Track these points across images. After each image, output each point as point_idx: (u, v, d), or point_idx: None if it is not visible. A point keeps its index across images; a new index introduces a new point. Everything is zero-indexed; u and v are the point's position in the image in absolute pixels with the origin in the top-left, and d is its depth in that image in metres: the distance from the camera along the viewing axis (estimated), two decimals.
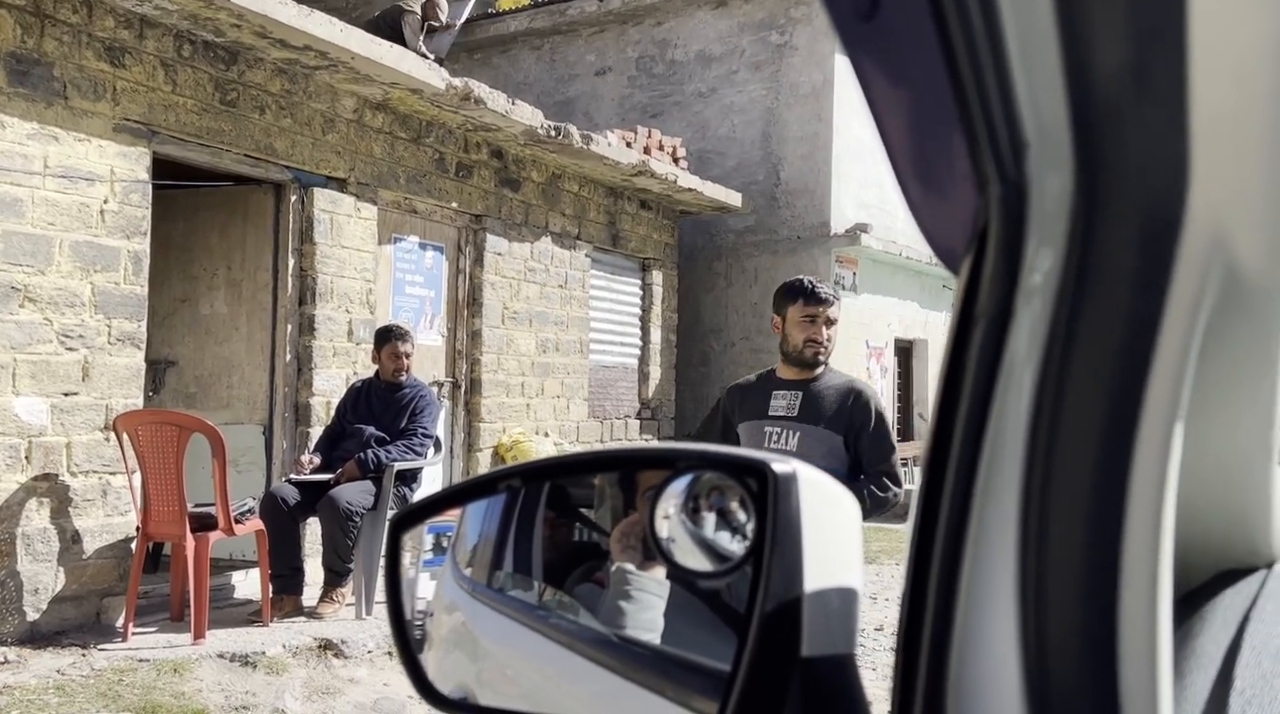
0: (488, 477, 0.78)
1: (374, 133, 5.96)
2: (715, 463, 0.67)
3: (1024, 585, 0.49)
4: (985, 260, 0.48)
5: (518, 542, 0.95)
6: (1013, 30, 0.40)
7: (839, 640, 0.63)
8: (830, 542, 0.64)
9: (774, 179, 9.91)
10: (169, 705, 3.60)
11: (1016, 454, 0.49)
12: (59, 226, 4.29)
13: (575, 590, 0.95)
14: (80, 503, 4.41)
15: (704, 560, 0.67)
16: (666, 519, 0.66)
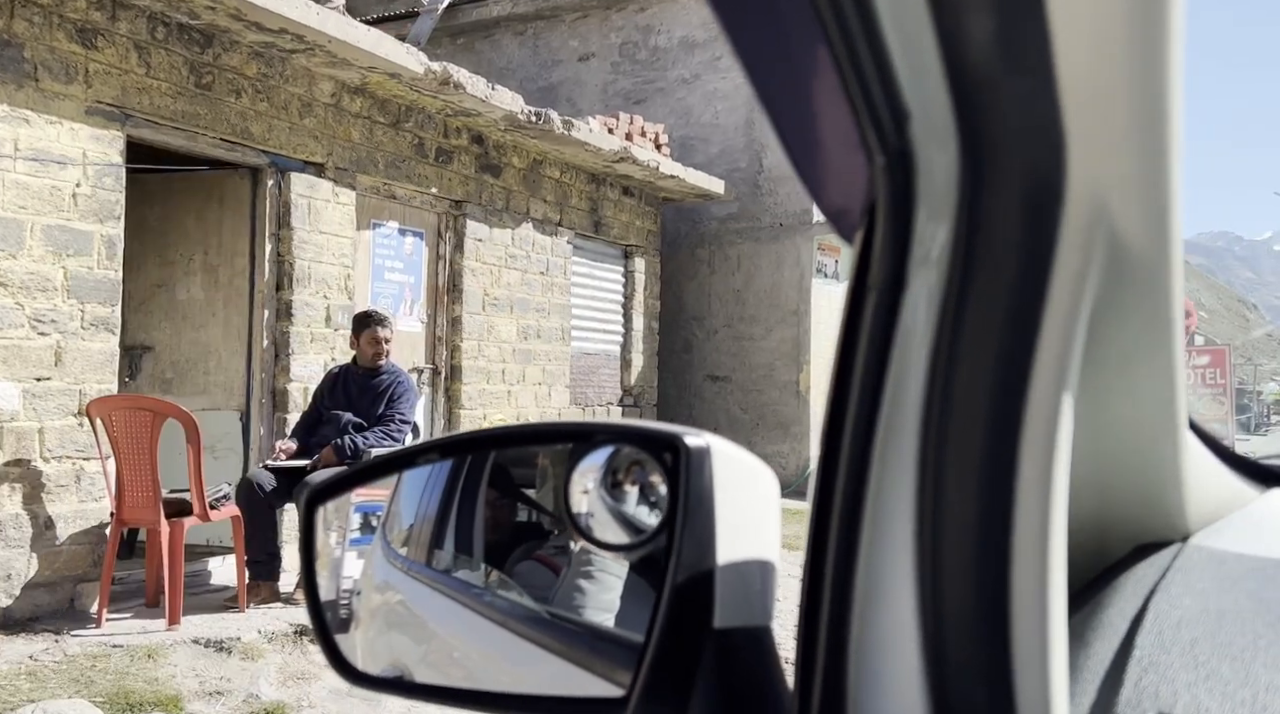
0: (407, 450, 0.78)
1: (352, 117, 5.93)
2: (631, 437, 0.67)
3: (920, 556, 0.49)
4: (876, 232, 0.48)
5: (459, 521, 0.95)
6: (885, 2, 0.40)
7: (754, 613, 0.63)
8: (745, 515, 0.64)
9: (757, 166, 9.90)
10: (142, 691, 3.59)
11: (911, 426, 0.49)
12: (30, 210, 4.25)
13: (515, 569, 0.95)
14: (53, 488, 4.38)
15: (622, 535, 0.68)
16: (585, 494, 0.67)
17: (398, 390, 5.16)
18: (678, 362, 10.09)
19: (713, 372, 10.09)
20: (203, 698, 3.70)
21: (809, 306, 9.73)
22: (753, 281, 9.92)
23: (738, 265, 10.01)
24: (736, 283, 10.01)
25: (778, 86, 0.47)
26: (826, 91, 0.44)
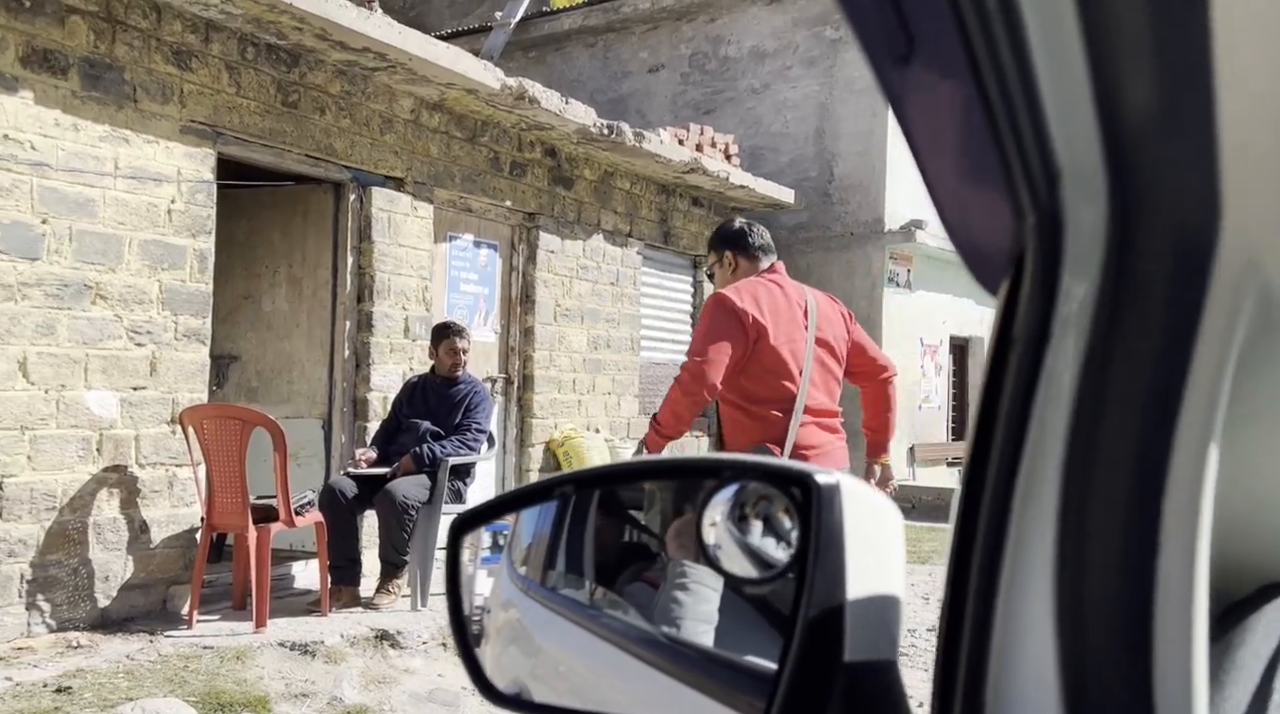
0: (543, 484, 0.81)
1: (430, 132, 6.05)
2: (760, 473, 0.69)
3: (1061, 603, 0.51)
4: (1022, 286, 0.50)
5: (570, 542, 0.99)
6: (1044, 67, 0.42)
7: (881, 646, 0.65)
8: (873, 550, 0.66)
9: (827, 175, 9.85)
10: (232, 692, 3.71)
11: (1053, 476, 0.51)
12: (129, 226, 4.43)
13: (625, 590, 0.98)
14: (148, 494, 4.55)
15: (749, 567, 0.70)
16: (713, 526, 0.69)
17: (474, 400, 5.25)
18: None
19: None
20: (289, 700, 3.81)
21: (880, 316, 9.63)
22: (823, 291, 9.85)
23: (808, 274, 9.94)
24: None
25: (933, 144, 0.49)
26: (978, 150, 0.46)
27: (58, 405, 4.21)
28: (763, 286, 3.25)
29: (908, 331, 10.07)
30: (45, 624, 4.18)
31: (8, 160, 4.00)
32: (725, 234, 3.48)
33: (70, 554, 4.27)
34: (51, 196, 4.15)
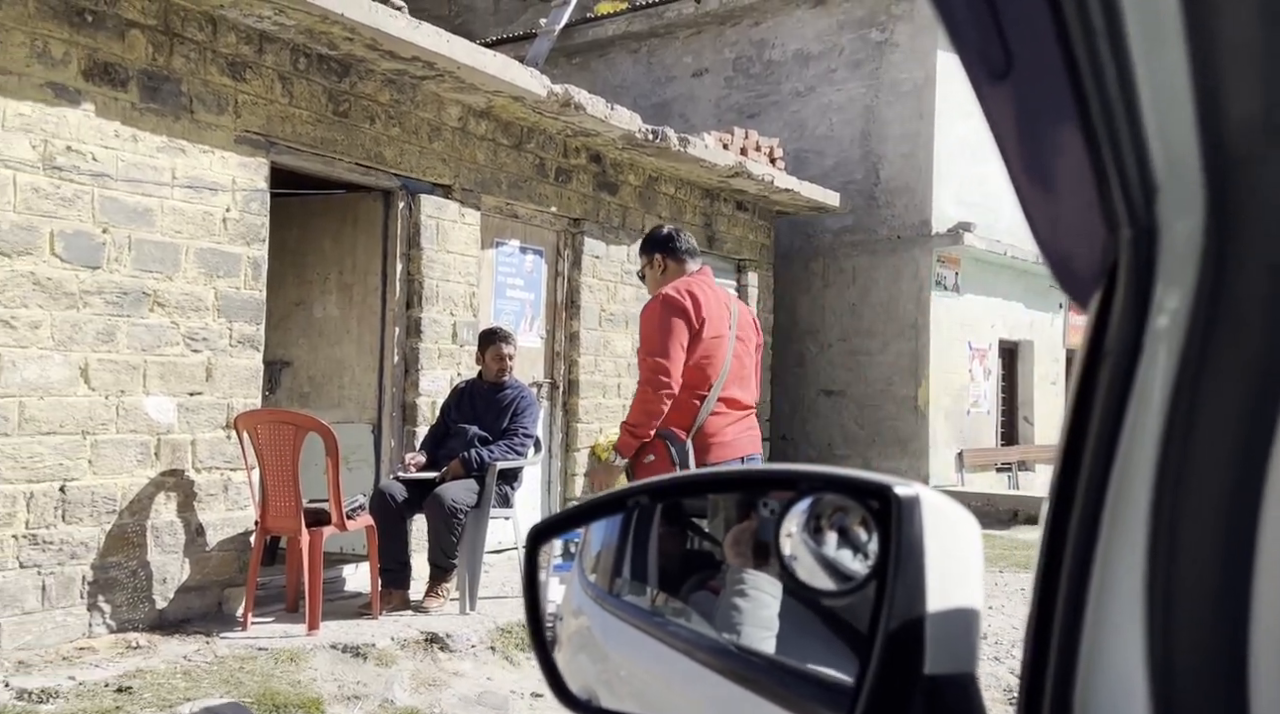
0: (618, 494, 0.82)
1: (477, 140, 6.11)
2: (838, 485, 0.69)
3: (1151, 612, 0.50)
4: (1114, 298, 0.50)
5: (635, 550, 0.99)
6: (1146, 79, 0.42)
7: (961, 659, 0.65)
8: (952, 562, 0.66)
9: (873, 178, 9.78)
10: (286, 693, 3.77)
11: (1144, 490, 0.50)
12: (185, 234, 4.52)
13: (691, 598, 0.98)
14: (204, 497, 4.64)
15: (826, 578, 0.70)
16: (789, 537, 0.69)
17: (521, 404, 5.29)
18: (791, 376, 10.02)
19: (827, 386, 9.99)
20: (342, 701, 3.86)
21: (928, 320, 9.54)
22: (869, 295, 9.79)
23: (853, 278, 9.89)
24: (852, 296, 9.89)
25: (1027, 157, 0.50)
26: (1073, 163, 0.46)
27: (117, 411, 4.30)
28: (697, 285, 3.54)
29: (956, 335, 9.97)
30: (106, 625, 4.28)
31: (70, 172, 4.11)
32: (655, 238, 3.78)
33: (129, 556, 4.36)
34: (112, 206, 4.25)
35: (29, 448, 4.01)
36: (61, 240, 4.08)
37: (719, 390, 3.44)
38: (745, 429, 3.55)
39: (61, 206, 4.08)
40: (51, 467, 4.08)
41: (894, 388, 9.64)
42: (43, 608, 4.07)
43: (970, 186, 10.08)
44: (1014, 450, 11.15)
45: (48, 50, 4.03)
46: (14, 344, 3.95)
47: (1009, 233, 10.63)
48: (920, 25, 9.52)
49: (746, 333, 3.62)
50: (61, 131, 4.07)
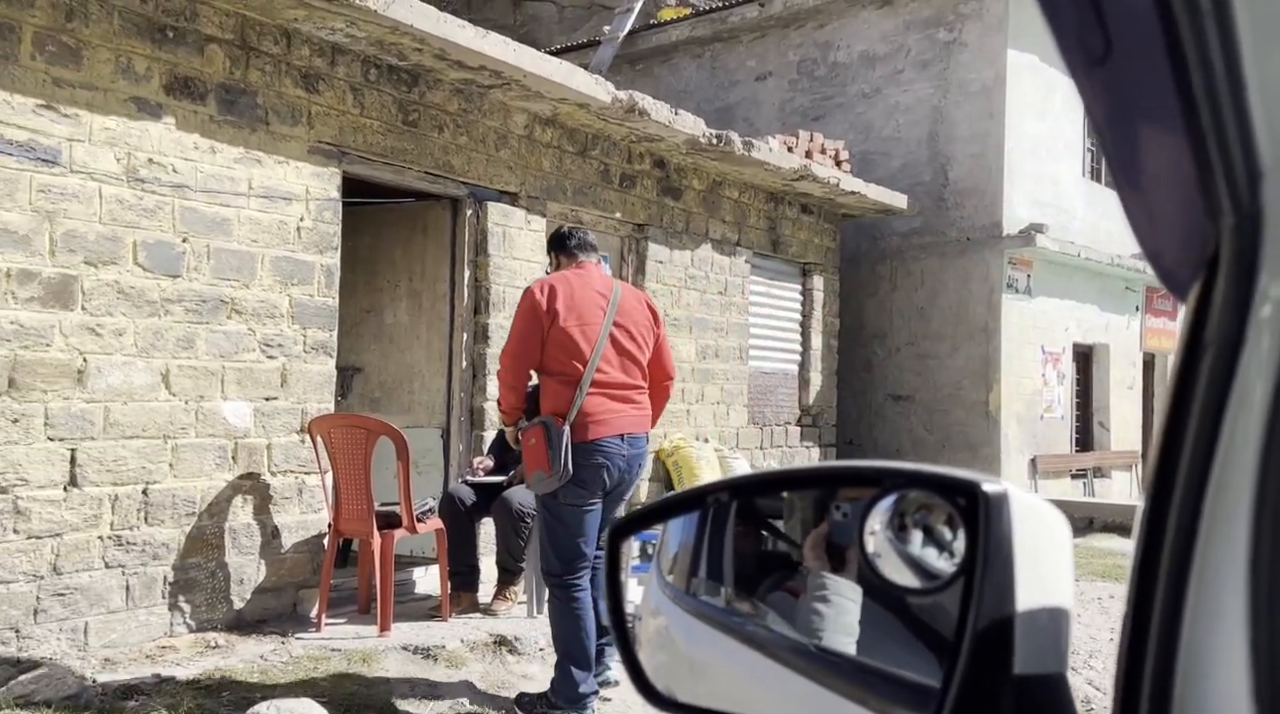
0: (697, 491, 0.82)
1: (543, 147, 6.16)
2: (924, 482, 0.68)
3: (1255, 617, 0.48)
4: (1215, 289, 0.48)
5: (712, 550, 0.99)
6: (1253, 62, 0.41)
7: (1050, 659, 0.63)
8: (1041, 561, 0.64)
9: (942, 179, 9.64)
10: (359, 694, 3.83)
11: (1247, 480, 0.49)
12: (261, 243, 4.64)
13: (768, 598, 0.97)
14: (279, 500, 4.75)
15: (910, 576, 0.69)
16: (873, 535, 0.68)
17: None
18: (858, 381, 9.91)
19: (895, 391, 9.86)
20: (413, 703, 3.91)
21: (999, 323, 9.36)
22: (938, 298, 9.64)
23: (921, 281, 9.75)
24: (920, 299, 9.75)
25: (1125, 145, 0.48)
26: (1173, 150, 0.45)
27: (196, 415, 4.43)
28: (563, 279, 3.82)
29: (1028, 338, 9.76)
30: (186, 624, 4.40)
31: (152, 183, 4.24)
32: (552, 237, 4.14)
33: (208, 557, 4.48)
34: (191, 216, 4.37)
35: (114, 451, 4.15)
36: (144, 250, 4.22)
37: (592, 372, 3.69)
38: (629, 409, 3.77)
39: (144, 217, 4.22)
40: (135, 470, 4.21)
41: (964, 393, 9.48)
42: (126, 607, 4.20)
43: (1043, 187, 9.88)
44: (1089, 456, 10.87)
45: (131, 66, 4.17)
46: (99, 351, 4.09)
47: (1083, 234, 10.39)
48: (990, 24, 9.37)
49: (631, 319, 3.84)
50: (144, 144, 4.21)
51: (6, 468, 3.83)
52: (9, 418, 3.84)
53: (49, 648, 3.94)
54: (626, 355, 3.82)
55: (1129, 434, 11.54)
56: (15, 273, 3.84)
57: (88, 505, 4.07)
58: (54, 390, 3.96)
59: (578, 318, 3.74)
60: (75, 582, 4.03)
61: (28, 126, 3.86)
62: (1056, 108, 10.05)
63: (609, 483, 3.75)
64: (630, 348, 3.83)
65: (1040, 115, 9.82)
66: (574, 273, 3.90)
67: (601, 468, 3.69)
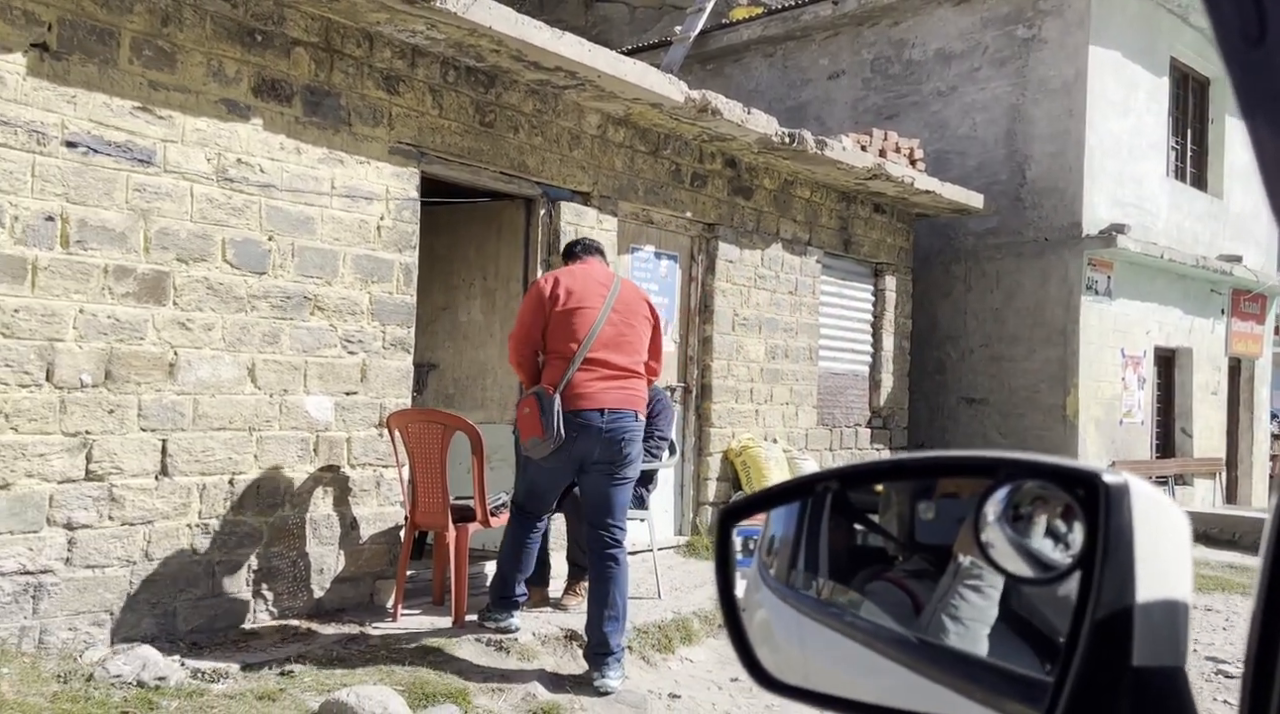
0: (806, 479, 0.82)
1: (615, 147, 6.20)
2: (1042, 472, 0.68)
3: None
4: None
5: (809, 543, 0.99)
6: None
7: (1169, 652, 0.63)
8: (1160, 554, 0.64)
9: (1019, 178, 9.45)
10: (434, 683, 3.90)
11: None
12: (343, 242, 4.75)
13: (865, 589, 0.98)
14: (358, 492, 4.86)
15: (1023, 566, 0.69)
16: (987, 525, 0.69)
17: (657, 408, 5.33)
18: (930, 383, 9.77)
19: (968, 394, 9.70)
20: (486, 693, 3.97)
21: (1077, 326, 9.15)
22: (1014, 299, 9.46)
23: (996, 282, 9.58)
24: (995, 301, 9.58)
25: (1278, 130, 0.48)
26: None
27: (280, 409, 4.55)
28: (567, 272, 4.38)
29: (1108, 342, 9.53)
30: (268, 611, 4.52)
31: (240, 183, 4.37)
32: (564, 249, 4.76)
33: (290, 547, 4.60)
34: (277, 215, 4.50)
35: (202, 442, 4.29)
36: (232, 247, 4.35)
37: (584, 353, 4.17)
38: (614, 387, 4.21)
39: (232, 216, 4.35)
40: (221, 461, 4.35)
41: (1040, 396, 9.28)
42: (213, 594, 4.34)
43: (1125, 186, 9.63)
44: (1171, 463, 10.57)
45: (222, 69, 4.30)
46: (189, 345, 4.23)
47: (1166, 234, 10.11)
48: (1071, 21, 9.16)
49: (628, 308, 4.32)
50: (233, 145, 4.34)
51: (103, 456, 3.99)
52: (105, 408, 3.99)
53: (140, 631, 4.09)
54: (621, 340, 4.26)
55: (1212, 441, 11.19)
56: (112, 269, 4.00)
57: (177, 494, 4.21)
58: (147, 382, 4.11)
59: (577, 303, 4.22)
60: (165, 568, 4.18)
61: (125, 128, 4.02)
62: (1140, 105, 9.79)
63: (578, 452, 4.18)
64: (626, 333, 4.28)
65: (1123, 113, 9.57)
66: (578, 267, 4.44)
67: (571, 439, 4.14)
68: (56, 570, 3.87)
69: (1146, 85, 9.91)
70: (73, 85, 3.87)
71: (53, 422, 3.85)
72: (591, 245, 4.59)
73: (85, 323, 3.92)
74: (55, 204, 3.84)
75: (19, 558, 3.77)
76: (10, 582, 3.75)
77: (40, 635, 3.82)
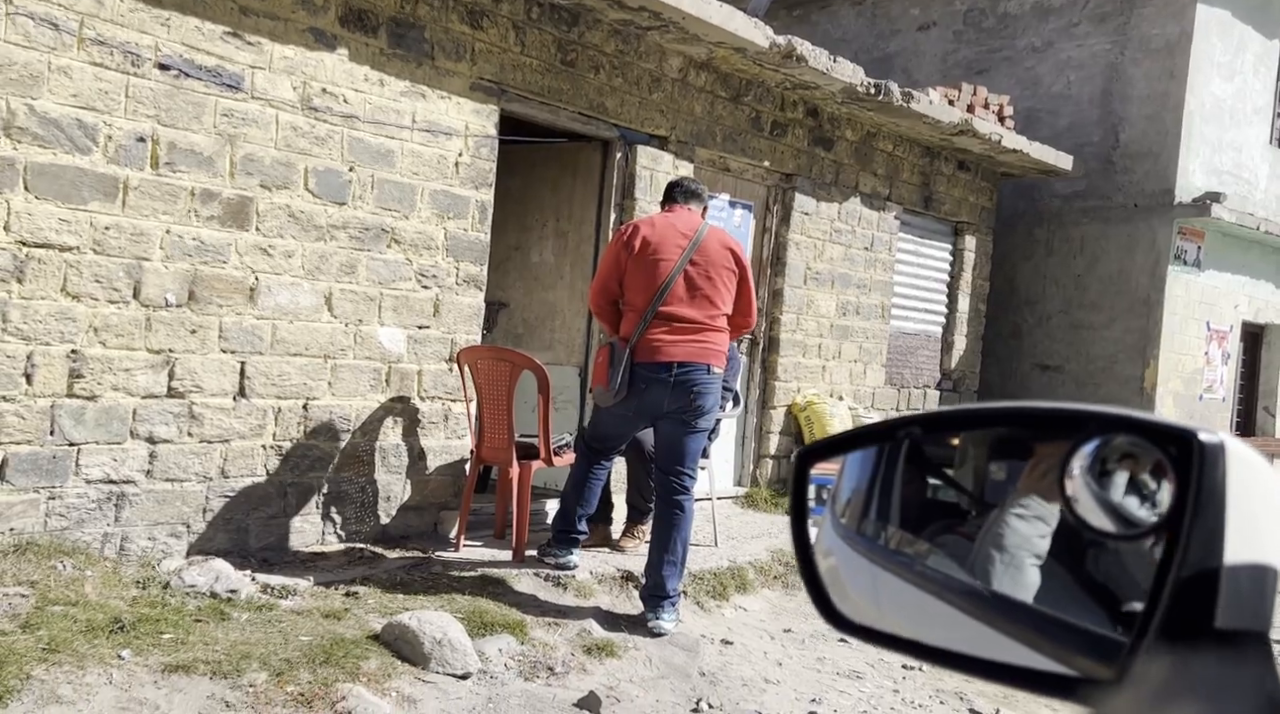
0: (887, 423, 0.82)
1: (696, 92, 6.12)
2: (1135, 427, 0.66)
3: None
4: None
5: (883, 492, 0.99)
6: None
7: (1254, 616, 0.61)
8: (1254, 516, 0.62)
9: (1112, 141, 9.12)
10: (493, 613, 3.99)
11: None
12: (421, 176, 4.79)
13: (936, 540, 0.97)
14: (426, 424, 4.95)
15: (1107, 522, 0.67)
16: (1071, 479, 0.67)
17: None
18: (1004, 347, 9.58)
19: (1043, 360, 9.49)
20: (543, 626, 4.06)
21: (1162, 296, 8.86)
22: (1097, 266, 9.18)
23: (1080, 247, 9.30)
24: (1078, 267, 9.31)
25: None
26: None
27: (355, 339, 4.65)
28: (649, 221, 4.32)
29: (1193, 314, 9.22)
30: (336, 534, 4.67)
31: (324, 113, 4.42)
32: (665, 189, 4.60)
33: (359, 473, 4.73)
34: (358, 147, 4.55)
35: (279, 367, 4.40)
36: (314, 177, 4.42)
37: (657, 306, 4.15)
38: (686, 341, 4.18)
39: (315, 145, 4.41)
40: (297, 386, 4.47)
41: (1118, 367, 9.05)
42: (284, 513, 4.49)
43: (1223, 153, 9.24)
44: (1253, 442, 10.24)
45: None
46: (270, 271, 4.33)
47: (1265, 205, 9.70)
48: None
49: (710, 259, 4.22)
50: (319, 74, 4.39)
51: (184, 375, 4.12)
52: (188, 328, 4.12)
53: (215, 545, 4.25)
54: (698, 292, 4.20)
55: None
56: (199, 192, 4.09)
57: (254, 416, 4.34)
58: (228, 306, 4.22)
59: (653, 254, 4.19)
60: (240, 486, 4.32)
61: (215, 52, 4.08)
62: (1247, 68, 9.34)
63: (648, 403, 4.20)
64: (704, 286, 4.21)
65: (1227, 76, 9.14)
66: (662, 216, 4.36)
67: (640, 390, 4.17)
68: (138, 481, 4.03)
69: (1255, 48, 9.43)
70: (166, 8, 3.93)
71: (138, 338, 3.98)
72: (691, 189, 4.48)
73: (171, 243, 4.03)
74: (147, 125, 3.93)
75: (104, 467, 3.94)
76: (95, 489, 3.92)
77: (121, 542, 4.00)
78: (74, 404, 3.84)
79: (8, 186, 3.61)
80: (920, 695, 4.01)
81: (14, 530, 3.72)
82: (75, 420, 3.84)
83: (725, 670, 4.04)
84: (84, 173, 3.78)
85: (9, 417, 3.69)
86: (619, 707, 3.53)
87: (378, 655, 3.47)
